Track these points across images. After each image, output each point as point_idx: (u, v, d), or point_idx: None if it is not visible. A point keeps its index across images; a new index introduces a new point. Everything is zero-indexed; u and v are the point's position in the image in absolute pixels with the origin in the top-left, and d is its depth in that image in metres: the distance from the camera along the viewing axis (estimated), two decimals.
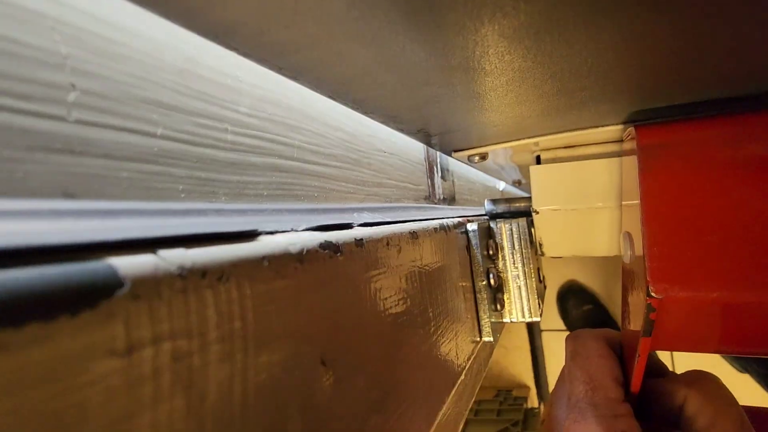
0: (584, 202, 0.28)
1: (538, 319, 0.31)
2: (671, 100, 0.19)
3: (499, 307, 0.31)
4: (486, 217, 0.37)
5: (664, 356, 0.89)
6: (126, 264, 0.07)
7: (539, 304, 0.32)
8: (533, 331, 1.08)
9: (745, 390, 0.74)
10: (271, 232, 0.11)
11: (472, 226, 0.30)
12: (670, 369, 0.26)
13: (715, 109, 0.20)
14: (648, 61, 0.14)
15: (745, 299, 0.19)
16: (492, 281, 0.30)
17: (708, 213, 0.20)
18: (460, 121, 0.21)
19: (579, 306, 1.01)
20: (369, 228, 0.16)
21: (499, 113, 0.20)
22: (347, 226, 0.15)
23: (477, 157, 0.29)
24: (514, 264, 0.33)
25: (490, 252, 0.31)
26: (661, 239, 0.20)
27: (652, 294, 0.19)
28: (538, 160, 0.31)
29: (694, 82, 0.17)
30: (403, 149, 0.27)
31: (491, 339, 0.29)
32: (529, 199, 0.32)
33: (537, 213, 0.31)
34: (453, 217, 0.29)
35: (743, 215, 0.19)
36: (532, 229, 0.34)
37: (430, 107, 0.18)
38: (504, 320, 0.32)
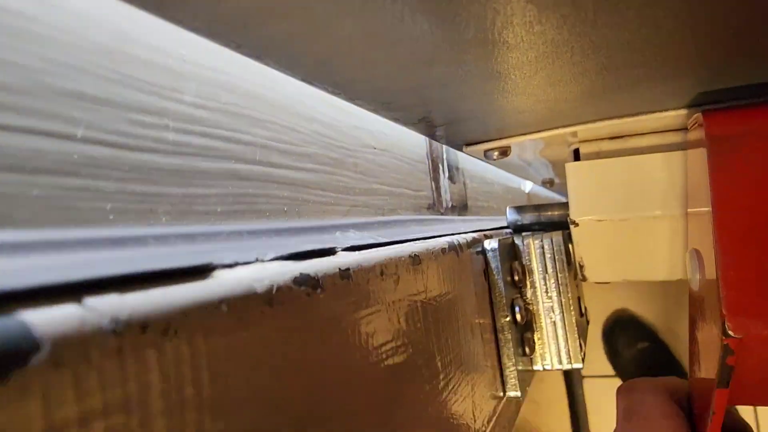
0: (638, 210, 0.29)
1: (580, 365, 0.32)
2: (748, 79, 0.20)
3: (528, 350, 0.32)
4: (509, 231, 0.38)
5: (745, 412, 0.90)
6: (43, 320, 0.07)
7: (581, 346, 0.32)
8: (572, 378, 1.08)
9: None
10: (230, 265, 0.11)
11: (491, 244, 0.30)
12: (754, 430, 0.27)
13: None
14: (719, 29, 0.14)
15: None
16: (518, 317, 0.31)
17: None
18: (474, 108, 0.21)
19: (632, 344, 1.02)
20: (357, 253, 0.17)
21: (525, 97, 0.20)
22: (329, 251, 0.15)
23: (496, 153, 0.30)
24: (547, 293, 0.33)
25: (516, 278, 0.32)
26: (740, 259, 0.20)
27: (730, 333, 0.20)
28: (577, 155, 0.32)
29: None
30: (398, 144, 0.28)
31: (518, 393, 0.29)
32: (566, 205, 0.33)
33: (576, 225, 0.31)
34: (466, 233, 0.29)
35: None
36: (570, 246, 0.34)
37: (434, 91, 0.18)
38: (535, 368, 0.33)
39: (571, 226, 0.32)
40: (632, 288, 1.06)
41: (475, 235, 0.30)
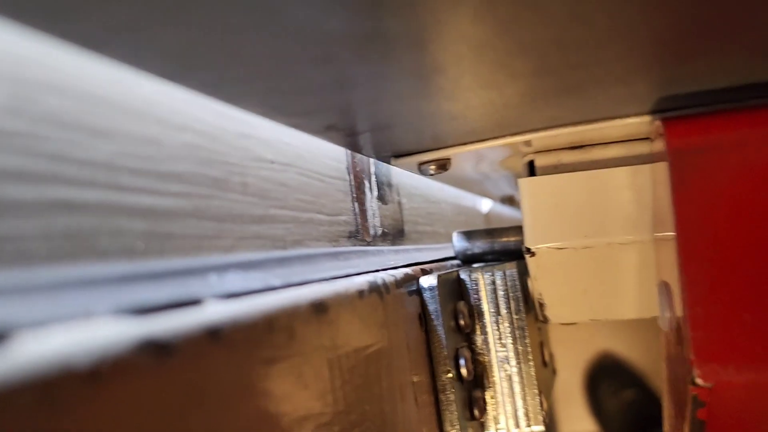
0: (602, 235, 0.30)
1: (541, 428, 0.32)
2: (711, 83, 0.21)
3: (477, 413, 0.32)
4: (457, 263, 0.38)
5: None
6: None
7: (541, 404, 0.33)
8: None
9: None
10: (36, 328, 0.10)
11: (428, 282, 0.30)
12: None
13: None
14: (663, 28, 0.15)
15: None
16: (464, 371, 0.31)
17: None
18: (398, 113, 0.22)
19: (617, 392, 1.05)
20: (236, 302, 0.16)
21: (455, 101, 0.20)
22: (192, 303, 0.15)
23: (433, 166, 0.30)
24: (500, 340, 0.33)
25: (461, 322, 0.32)
26: (710, 293, 0.21)
27: (698, 381, 0.20)
28: (532, 169, 0.33)
29: (748, 55, 0.19)
30: (306, 157, 0.28)
31: None
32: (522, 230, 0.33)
33: (532, 254, 0.32)
34: (396, 267, 0.29)
35: None
36: (528, 280, 0.35)
37: (340, 93, 0.18)
38: None
39: (527, 256, 0.32)
40: (617, 325, 1.09)
41: (408, 270, 0.30)
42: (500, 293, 0.33)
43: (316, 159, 0.29)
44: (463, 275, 0.34)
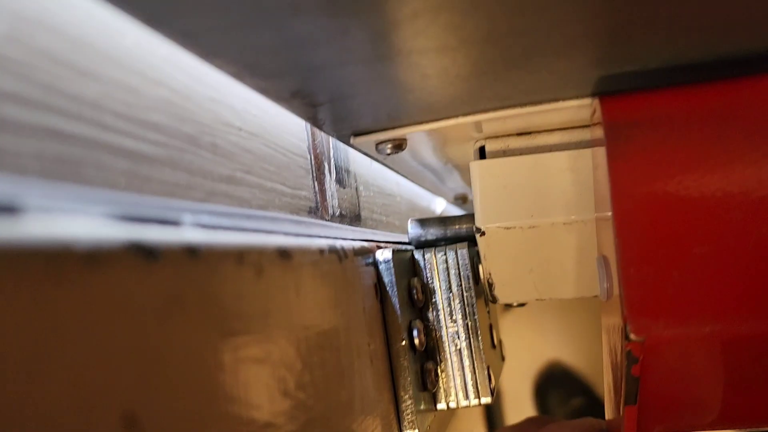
0: (546, 215, 0.32)
1: (487, 400, 0.34)
2: (649, 62, 0.24)
3: (429, 385, 0.34)
4: (410, 247, 0.40)
5: None
6: None
7: (490, 377, 0.35)
8: (495, 424, 1.12)
9: None
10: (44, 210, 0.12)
11: (383, 255, 0.32)
12: None
13: (717, 73, 0.25)
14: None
15: (753, 330, 0.23)
16: (417, 342, 0.32)
17: (700, 216, 0.24)
18: (359, 80, 0.23)
19: (565, 400, 1.08)
20: (210, 232, 0.18)
21: (412, 69, 0.22)
22: (172, 224, 0.16)
23: (390, 145, 0.32)
24: (451, 316, 0.35)
25: (415, 297, 0.34)
26: (641, 257, 0.24)
27: (631, 336, 0.23)
28: (482, 153, 0.35)
29: (685, 32, 0.21)
30: (271, 131, 0.29)
31: None
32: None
33: (482, 234, 0.34)
34: (353, 239, 0.31)
35: (745, 216, 0.24)
36: (479, 265, 0.37)
37: (305, 55, 0.20)
38: (438, 406, 0.35)
39: (478, 236, 0.34)
40: (564, 335, 1.13)
41: (365, 244, 0.32)
42: (452, 272, 0.35)
43: (280, 135, 0.30)
44: (417, 255, 0.36)
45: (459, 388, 0.35)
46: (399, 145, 0.32)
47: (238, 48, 0.19)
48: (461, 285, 0.35)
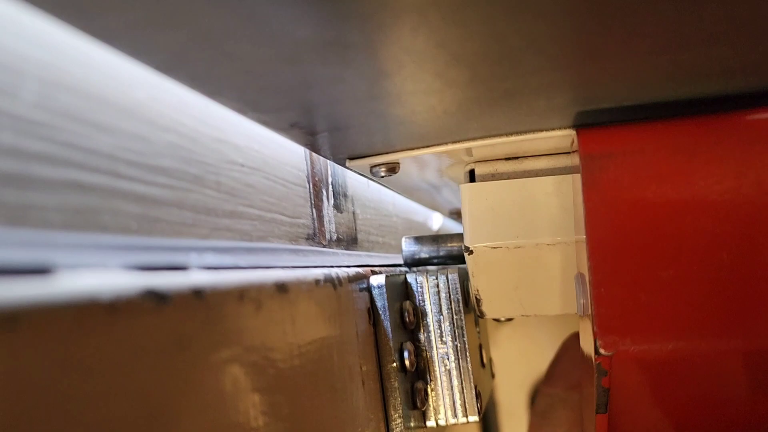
0: (531, 236, 0.34)
1: (475, 418, 0.36)
2: (623, 100, 0.25)
3: (419, 403, 0.35)
4: (404, 270, 0.42)
5: None
6: None
7: (478, 396, 0.36)
8: None
9: None
10: (73, 268, 0.14)
11: (377, 281, 0.34)
12: None
13: (687, 110, 0.27)
14: (570, 48, 0.19)
15: (713, 348, 0.25)
16: (407, 363, 0.34)
17: (666, 241, 0.26)
18: (354, 114, 0.25)
19: None
20: (214, 273, 0.20)
21: (402, 106, 0.24)
22: (180, 268, 0.18)
23: (383, 169, 0.34)
24: (441, 338, 0.37)
25: (407, 319, 0.36)
26: (611, 279, 0.26)
27: (600, 350, 0.25)
28: (472, 176, 0.37)
29: (665, 75, 0.23)
30: (271, 163, 0.31)
31: None
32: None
33: (471, 252, 0.36)
34: (348, 266, 0.33)
35: (708, 243, 0.26)
36: (468, 285, 0.39)
37: (304, 93, 0.22)
38: (428, 423, 0.36)
39: (466, 255, 0.36)
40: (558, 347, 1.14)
41: (360, 269, 0.34)
42: (443, 295, 0.37)
43: (280, 166, 0.32)
44: (410, 278, 0.38)
45: (448, 406, 0.37)
46: (392, 168, 0.34)
47: (242, 89, 0.21)
48: (451, 308, 0.37)
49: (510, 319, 0.44)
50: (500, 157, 0.36)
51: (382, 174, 0.34)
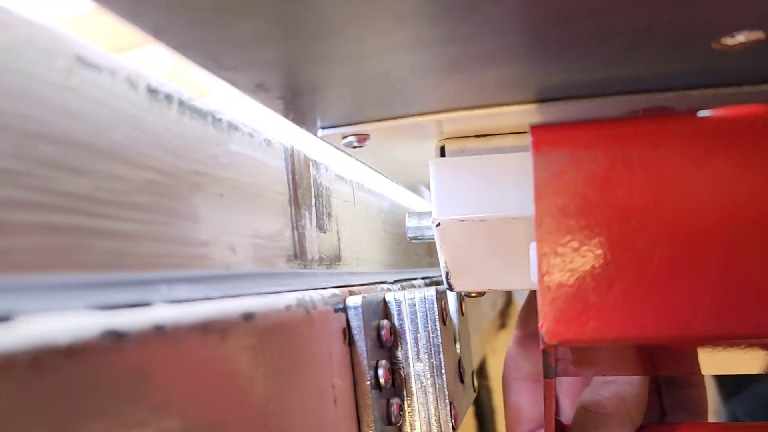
0: (495, 210, 0.35)
1: None
2: (581, 75, 0.26)
3: (394, 419, 0.37)
4: (383, 287, 0.43)
5: None
6: None
7: (452, 412, 0.38)
8: None
9: None
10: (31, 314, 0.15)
11: (353, 302, 0.35)
12: None
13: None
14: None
15: (651, 342, 0.27)
16: (382, 380, 0.36)
17: (612, 240, 0.28)
18: (314, 76, 0.26)
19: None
20: (179, 306, 0.21)
21: (357, 69, 0.25)
22: (144, 304, 0.19)
23: (355, 139, 0.35)
24: (417, 355, 0.39)
25: (383, 337, 0.37)
26: (558, 273, 0.27)
27: (545, 340, 0.27)
28: (443, 153, 0.38)
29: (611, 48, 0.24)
30: (252, 190, 0.32)
31: None
32: None
33: (438, 225, 0.37)
34: (325, 288, 0.34)
35: (651, 242, 0.27)
36: (443, 302, 0.40)
37: (260, 52, 0.23)
38: None
39: (434, 227, 0.38)
40: None
41: (336, 291, 0.35)
42: (420, 314, 0.39)
43: (262, 193, 0.34)
44: (388, 297, 0.39)
45: (423, 422, 0.38)
46: (363, 140, 0.35)
47: (204, 43, 0.22)
48: (428, 326, 0.39)
49: (481, 294, 0.45)
50: (469, 135, 0.38)
51: (354, 144, 0.35)
